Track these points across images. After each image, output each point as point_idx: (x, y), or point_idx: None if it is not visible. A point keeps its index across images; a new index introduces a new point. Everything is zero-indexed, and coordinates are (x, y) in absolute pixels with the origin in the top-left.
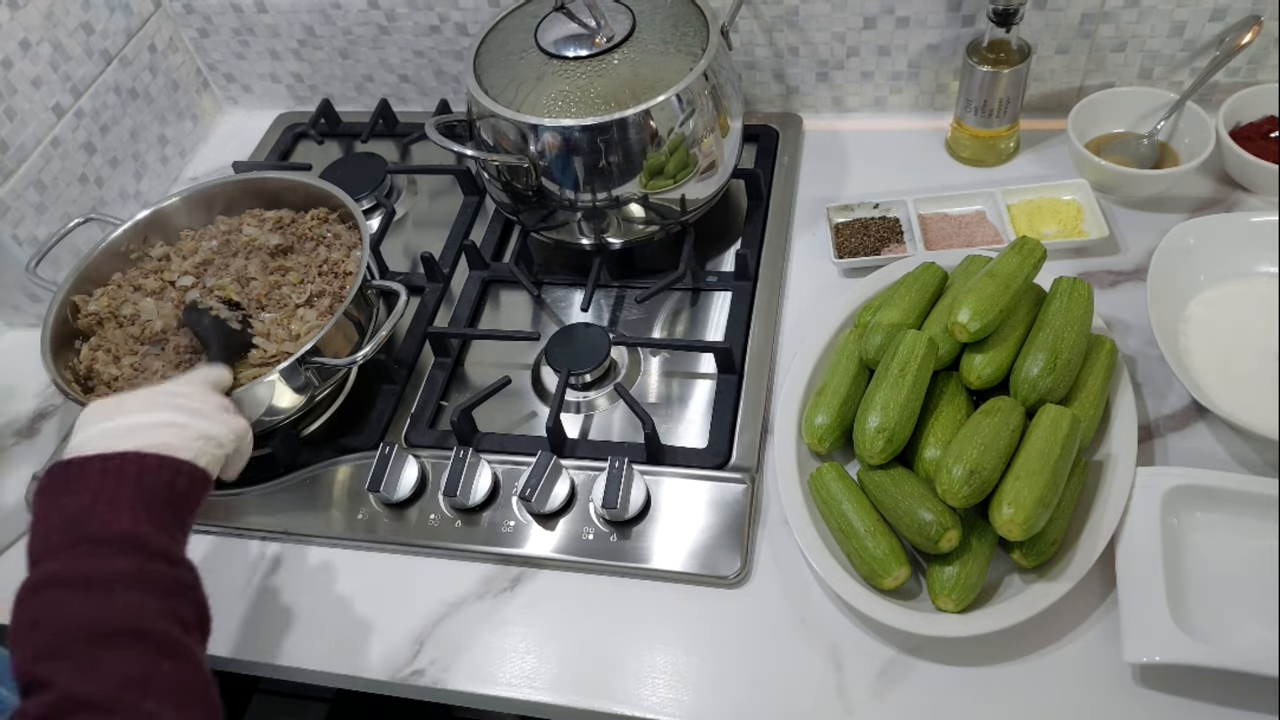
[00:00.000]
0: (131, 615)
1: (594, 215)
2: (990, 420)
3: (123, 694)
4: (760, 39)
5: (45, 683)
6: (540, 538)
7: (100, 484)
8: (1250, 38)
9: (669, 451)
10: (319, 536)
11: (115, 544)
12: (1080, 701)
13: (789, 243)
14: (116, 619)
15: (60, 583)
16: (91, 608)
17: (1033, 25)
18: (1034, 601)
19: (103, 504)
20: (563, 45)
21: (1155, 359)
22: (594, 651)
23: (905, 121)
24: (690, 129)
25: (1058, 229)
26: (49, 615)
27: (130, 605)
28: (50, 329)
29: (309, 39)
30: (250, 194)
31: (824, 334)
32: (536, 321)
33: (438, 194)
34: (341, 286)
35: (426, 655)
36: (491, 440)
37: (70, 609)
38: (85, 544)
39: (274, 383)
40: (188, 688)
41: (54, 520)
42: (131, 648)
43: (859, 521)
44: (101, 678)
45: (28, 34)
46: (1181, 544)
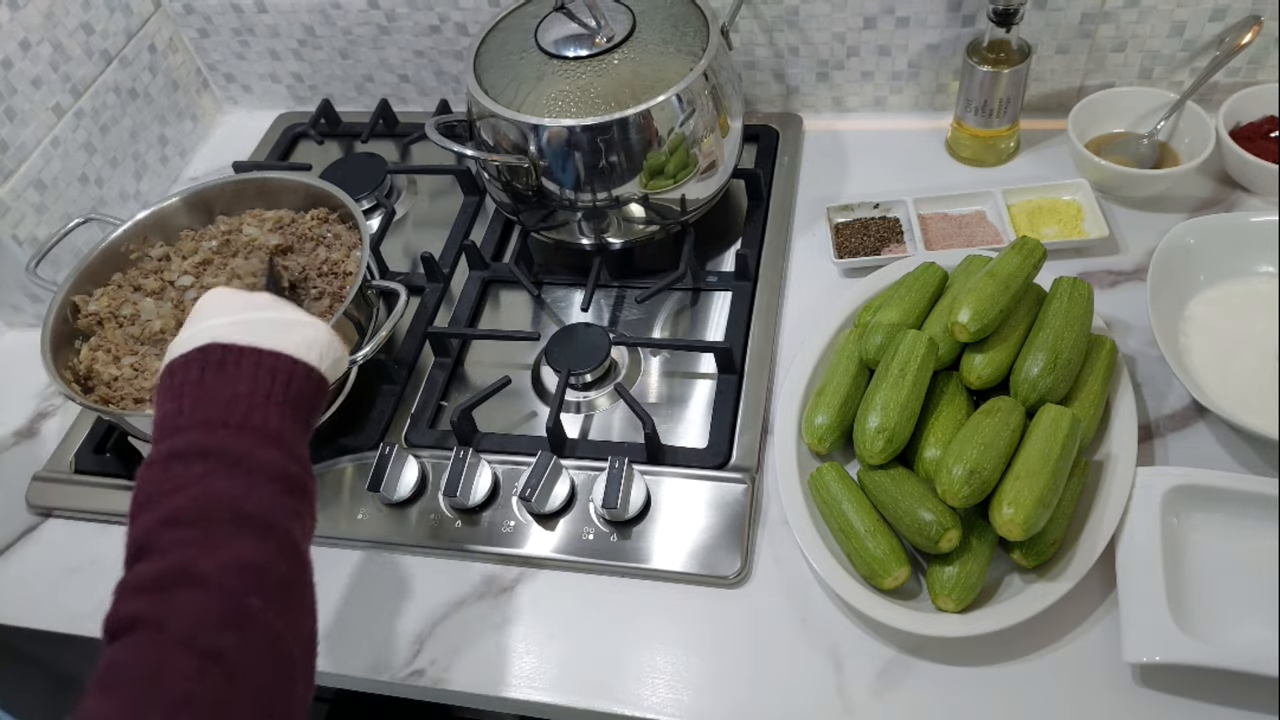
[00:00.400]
0: (267, 507)
1: (594, 215)
2: (990, 420)
3: (235, 580)
4: (760, 39)
5: (162, 550)
6: (540, 538)
7: (256, 377)
8: (1250, 38)
9: (669, 451)
10: (319, 536)
11: (266, 436)
12: (1080, 701)
13: (789, 243)
14: (254, 506)
15: (207, 456)
16: (234, 487)
17: (1033, 25)
18: (1034, 601)
19: (259, 397)
20: (563, 45)
21: (1155, 359)
22: (594, 651)
23: (905, 121)
24: (690, 129)
25: (1058, 229)
26: (189, 485)
27: (268, 498)
28: (50, 329)
29: (309, 39)
30: (250, 194)
31: (824, 334)
32: (536, 321)
33: (438, 194)
34: (341, 286)
35: (426, 655)
36: (491, 440)
37: (214, 483)
38: (238, 428)
39: None
40: (295, 594)
41: (204, 399)
42: (258, 537)
43: (859, 521)
44: (222, 558)
45: (28, 34)
46: (1181, 544)
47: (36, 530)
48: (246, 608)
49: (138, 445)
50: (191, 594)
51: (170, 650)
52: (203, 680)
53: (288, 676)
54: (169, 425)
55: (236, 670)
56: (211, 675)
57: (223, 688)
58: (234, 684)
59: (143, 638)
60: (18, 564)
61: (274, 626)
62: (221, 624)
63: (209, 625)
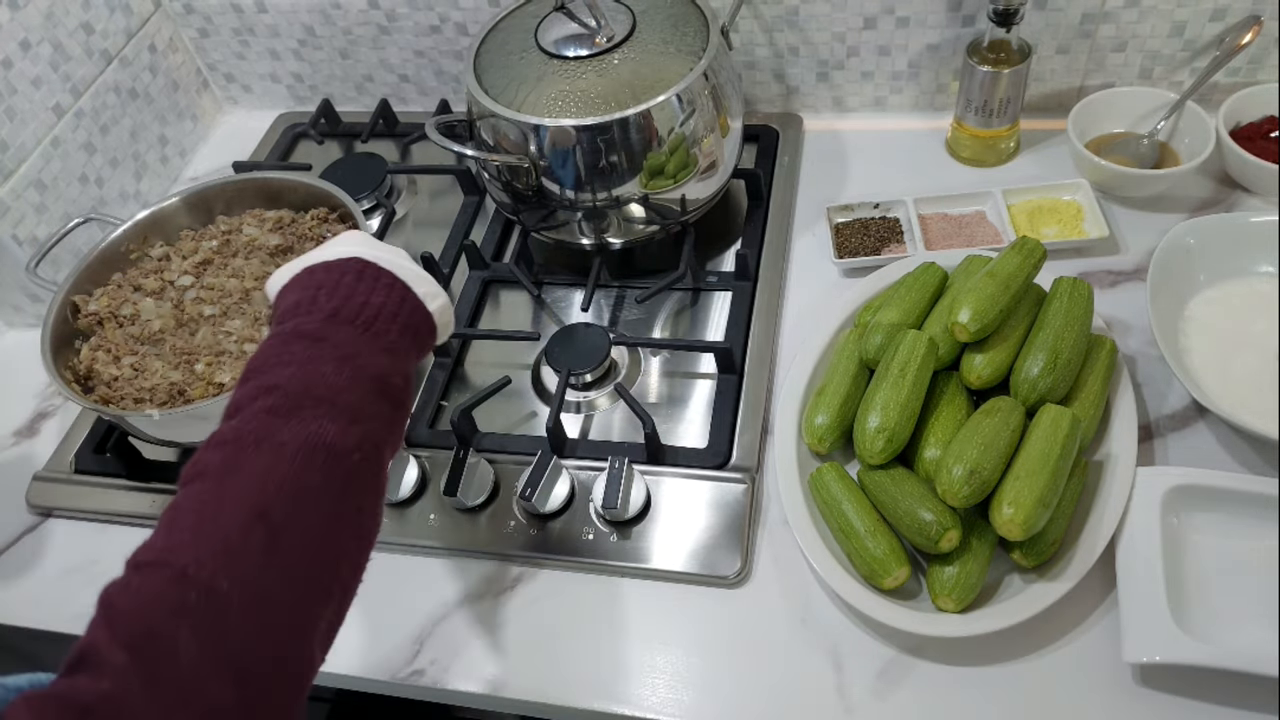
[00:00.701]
0: (360, 404)
1: (594, 215)
2: (990, 420)
3: (304, 457)
4: (760, 39)
5: (253, 413)
6: (540, 538)
7: (389, 296)
8: (1250, 38)
9: (669, 451)
10: None
11: (384, 344)
12: (1080, 701)
13: (789, 243)
14: (350, 398)
15: (325, 342)
16: (340, 378)
17: (1033, 25)
18: (1034, 601)
19: (388, 311)
20: (563, 45)
21: (1155, 359)
22: (594, 651)
23: (905, 121)
24: (690, 129)
25: (1058, 229)
26: (304, 362)
27: (365, 396)
28: (50, 329)
29: (309, 39)
30: (250, 194)
31: (824, 334)
32: (536, 321)
33: (438, 194)
34: None
35: (426, 655)
36: (491, 440)
37: (322, 368)
38: (363, 328)
39: None
40: (364, 482)
41: (340, 294)
42: (345, 425)
43: (859, 521)
44: (303, 432)
45: (28, 34)
46: (1181, 544)
47: (36, 530)
48: (307, 483)
49: (138, 445)
50: (261, 457)
51: (224, 507)
52: (246, 536)
53: (321, 574)
54: (301, 308)
55: (280, 540)
56: (253, 534)
57: (260, 550)
58: (270, 559)
59: (203, 490)
60: (18, 564)
61: (330, 509)
62: (279, 491)
63: (269, 488)
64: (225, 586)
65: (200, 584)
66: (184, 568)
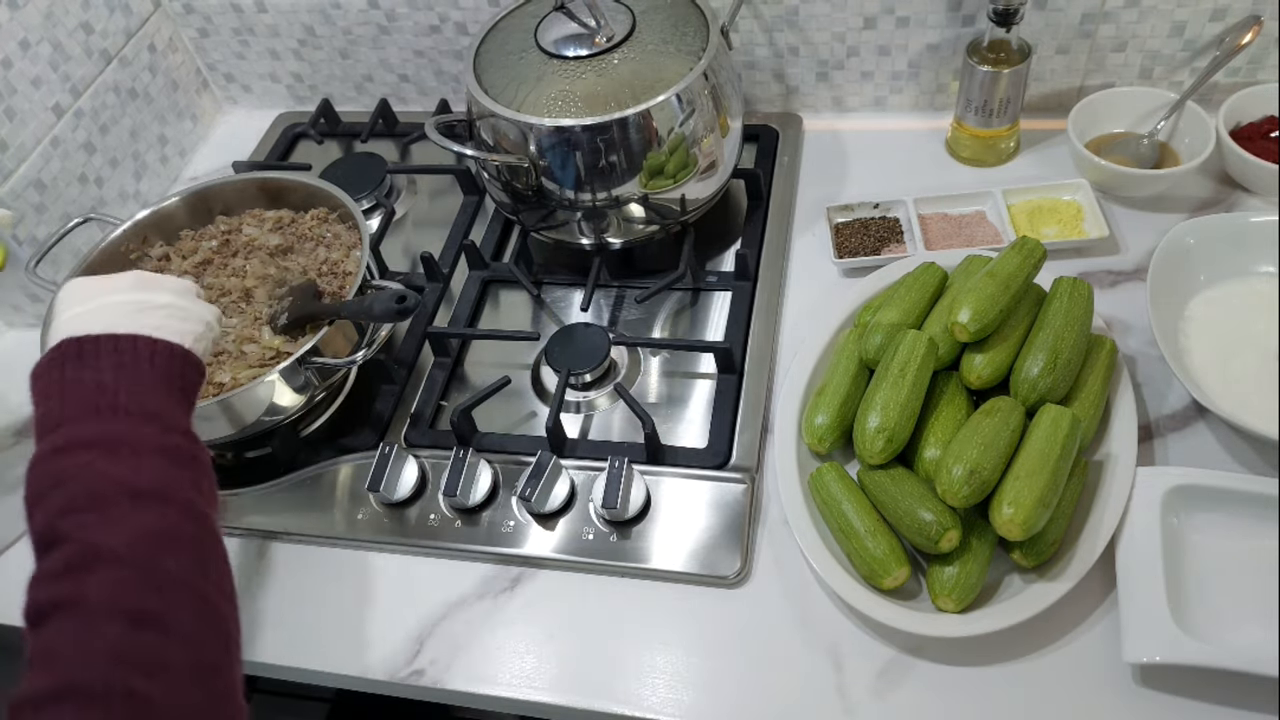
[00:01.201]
0: (159, 479)
1: (594, 215)
2: (990, 420)
3: (145, 549)
4: (760, 39)
5: (66, 537)
6: (540, 538)
7: (118, 362)
8: (1250, 38)
9: (669, 451)
10: (319, 536)
11: (140, 416)
12: (1080, 701)
13: (789, 243)
14: (144, 481)
15: (87, 446)
16: (121, 469)
17: (1033, 25)
18: (1034, 601)
19: (125, 380)
20: (563, 45)
21: (1155, 359)
22: (594, 651)
23: (905, 121)
24: (690, 129)
25: (1058, 229)
26: (76, 474)
27: (157, 470)
28: None
29: (309, 39)
30: (250, 194)
31: (824, 334)
32: (536, 321)
33: (438, 194)
34: (341, 286)
35: (426, 655)
36: (491, 440)
37: (99, 468)
38: (110, 413)
39: (274, 383)
40: (208, 552)
41: (72, 393)
42: (158, 508)
43: (859, 521)
44: (126, 532)
45: (27, 34)
46: (1181, 544)
47: None
48: (163, 569)
49: None
50: (105, 569)
51: (97, 620)
52: (135, 639)
53: (218, 630)
54: (46, 425)
55: (168, 625)
56: (143, 633)
57: (156, 643)
58: (168, 638)
59: (66, 617)
60: (18, 564)
61: (194, 583)
62: (141, 588)
63: (129, 591)
64: (141, 686)
65: (115, 693)
66: (91, 689)
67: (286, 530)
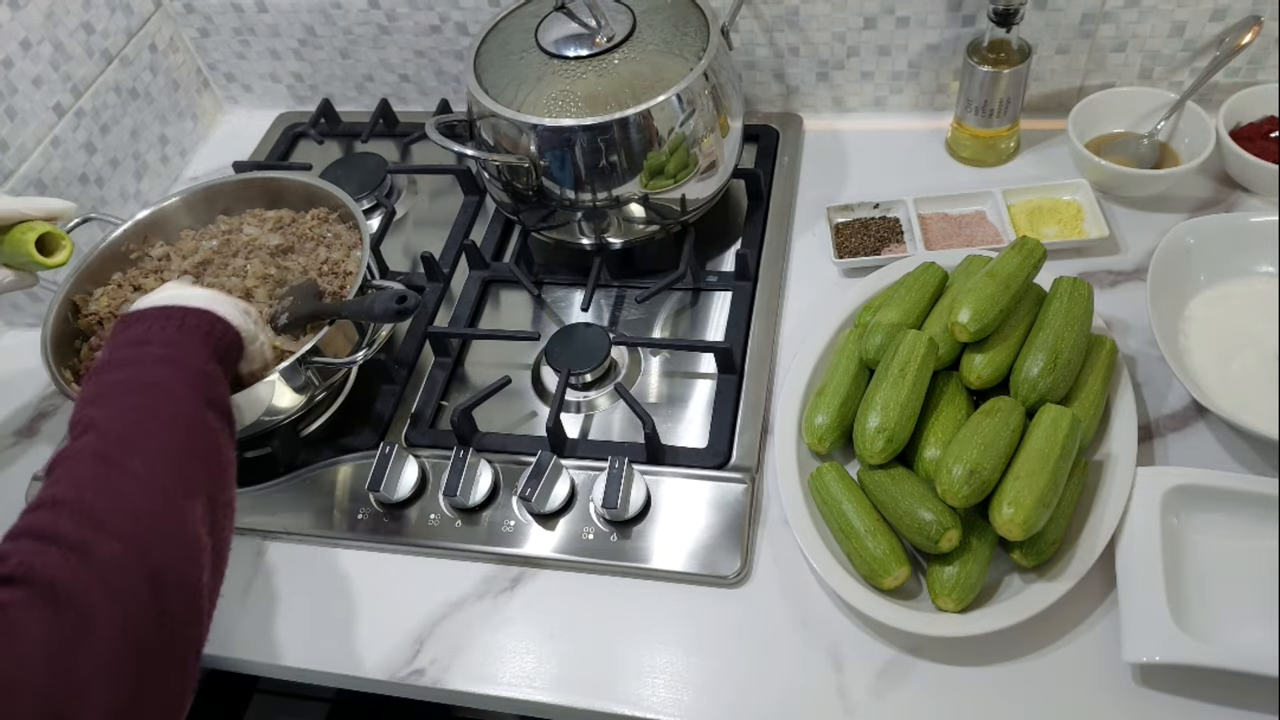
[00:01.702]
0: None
1: (594, 215)
2: (990, 420)
3: (125, 422)
4: (760, 39)
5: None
6: (540, 538)
7: (179, 332)
8: (1250, 38)
9: (669, 451)
10: (319, 536)
11: (195, 370)
12: (1080, 701)
13: (789, 243)
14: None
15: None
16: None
17: (1033, 25)
18: (1034, 601)
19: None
20: (563, 45)
21: (1155, 359)
22: (594, 651)
23: (905, 121)
24: (690, 129)
25: (1058, 229)
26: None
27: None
28: (50, 329)
29: (309, 39)
30: (250, 194)
31: (824, 334)
32: (536, 321)
33: (438, 194)
34: (341, 286)
35: (426, 655)
36: (491, 440)
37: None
38: (173, 364)
39: (274, 383)
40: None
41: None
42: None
43: (859, 521)
44: (115, 406)
45: (28, 33)
46: (1181, 544)
47: None
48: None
49: None
50: (91, 437)
51: (81, 457)
52: (98, 470)
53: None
54: (99, 368)
55: (128, 469)
56: (104, 468)
57: (115, 478)
58: (125, 478)
59: (68, 462)
60: None
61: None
62: (113, 446)
63: (105, 444)
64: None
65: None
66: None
67: (286, 530)
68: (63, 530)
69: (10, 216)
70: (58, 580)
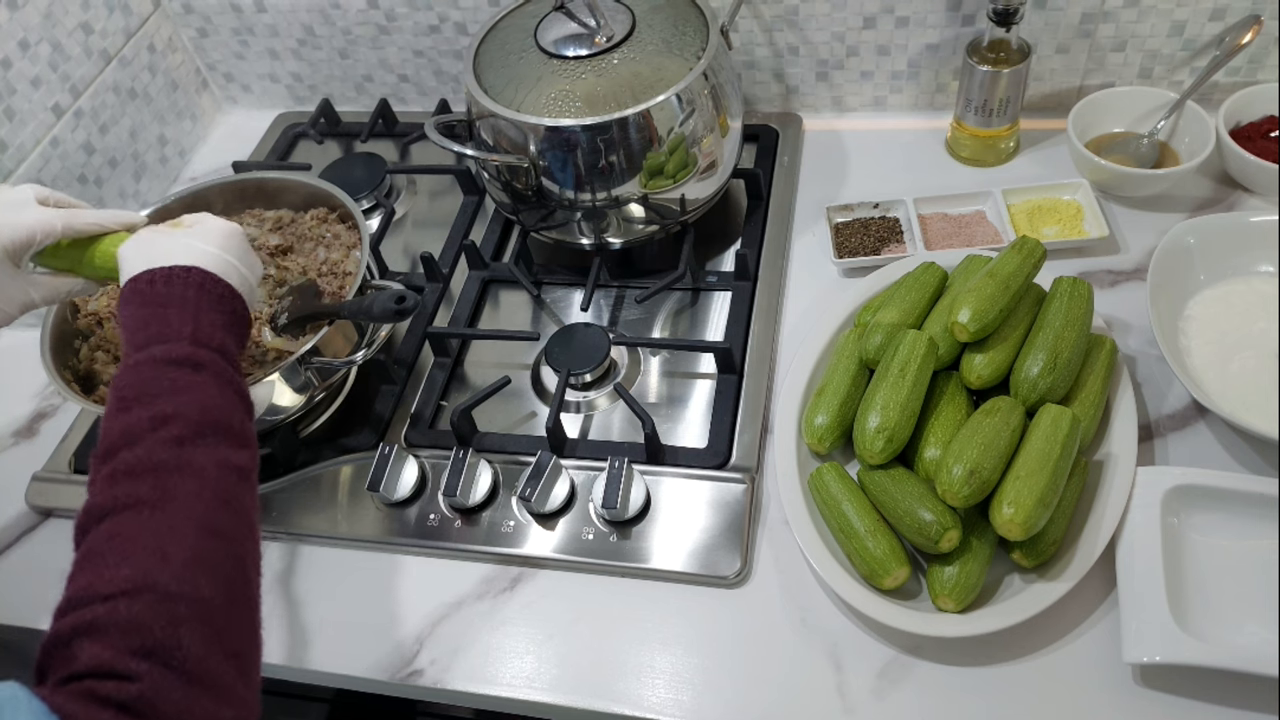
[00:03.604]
0: (243, 423)
1: (594, 215)
2: (990, 420)
3: (227, 476)
4: (760, 39)
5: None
6: (540, 538)
7: (223, 312)
8: (1250, 38)
9: (669, 451)
10: (319, 536)
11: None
12: (1080, 701)
13: (789, 243)
14: (237, 421)
15: (203, 369)
16: (225, 402)
17: (1033, 25)
18: (1034, 601)
19: (231, 333)
20: (562, 45)
21: (1155, 359)
22: (594, 651)
23: (905, 121)
24: (690, 129)
25: (1058, 229)
26: (186, 390)
27: (242, 413)
28: (50, 329)
29: (308, 39)
30: (250, 194)
31: (824, 334)
32: (536, 321)
33: (437, 194)
34: (341, 286)
35: (426, 655)
36: (491, 440)
37: (206, 394)
38: (222, 352)
39: (274, 383)
40: (254, 478)
41: (193, 320)
42: (238, 445)
43: (859, 521)
44: (214, 456)
45: (27, 34)
46: (1181, 544)
47: (36, 530)
48: (233, 495)
49: None
50: (190, 481)
51: (177, 522)
52: (207, 546)
53: (256, 547)
54: (152, 328)
55: (230, 537)
56: (211, 542)
57: (221, 552)
58: (228, 549)
59: (144, 512)
60: (18, 564)
61: (253, 514)
62: (217, 503)
63: (210, 504)
64: (208, 593)
65: (185, 596)
66: (166, 587)
67: (286, 530)
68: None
69: (93, 229)
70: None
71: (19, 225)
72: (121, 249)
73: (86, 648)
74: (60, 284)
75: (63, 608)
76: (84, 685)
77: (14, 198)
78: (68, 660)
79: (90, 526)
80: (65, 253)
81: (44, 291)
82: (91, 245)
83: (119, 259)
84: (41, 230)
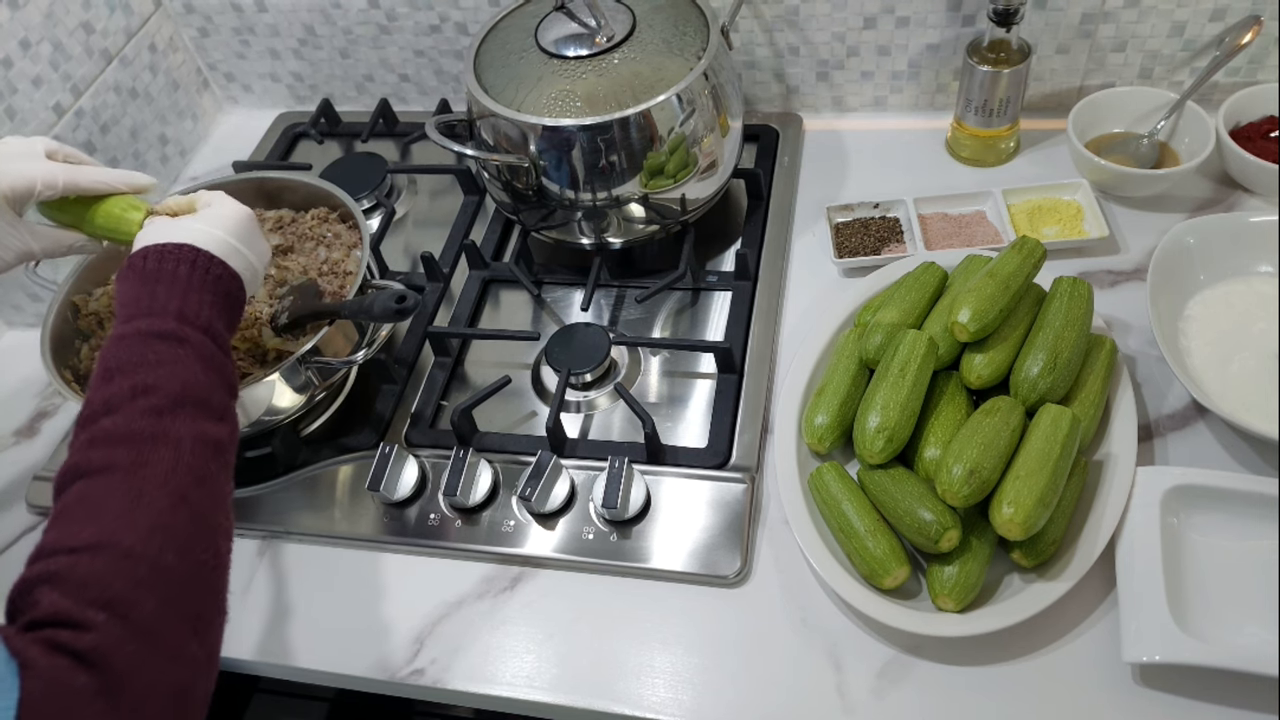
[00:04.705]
0: (224, 401)
1: (594, 215)
2: (990, 420)
3: (202, 449)
4: (760, 39)
5: (131, 412)
6: (540, 537)
7: (214, 294)
8: (1250, 38)
9: (669, 451)
10: (319, 536)
11: (199, 325)
12: (1080, 701)
13: (789, 243)
14: (216, 400)
15: (186, 344)
16: (205, 378)
17: (1033, 25)
18: (1034, 601)
19: (219, 313)
20: (563, 45)
21: (1155, 359)
22: (594, 651)
23: (905, 121)
24: (690, 129)
25: (1058, 229)
26: (168, 363)
27: (224, 391)
28: (50, 329)
29: (309, 38)
30: (250, 194)
31: (824, 334)
32: (536, 321)
33: (438, 194)
34: (341, 286)
35: (426, 655)
36: (491, 440)
37: (189, 369)
38: (206, 330)
39: (274, 382)
40: (230, 453)
41: (180, 297)
42: (217, 420)
43: (859, 521)
44: (191, 429)
45: (28, 33)
46: (1181, 544)
47: (36, 530)
48: (207, 469)
49: None
50: (166, 449)
51: (148, 488)
52: (175, 515)
53: (227, 523)
54: (141, 304)
55: (199, 511)
56: (180, 511)
57: (188, 522)
58: (195, 521)
59: (117, 476)
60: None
61: (225, 486)
62: (189, 474)
63: (182, 474)
64: (171, 559)
65: (148, 559)
66: (129, 547)
67: (286, 530)
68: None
69: (98, 188)
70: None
71: (22, 174)
72: (137, 237)
73: (47, 595)
74: (62, 237)
75: (33, 556)
76: (44, 634)
77: (23, 148)
78: (31, 605)
79: (66, 485)
80: (70, 207)
81: (44, 243)
82: (96, 204)
83: (136, 245)
84: (43, 181)
